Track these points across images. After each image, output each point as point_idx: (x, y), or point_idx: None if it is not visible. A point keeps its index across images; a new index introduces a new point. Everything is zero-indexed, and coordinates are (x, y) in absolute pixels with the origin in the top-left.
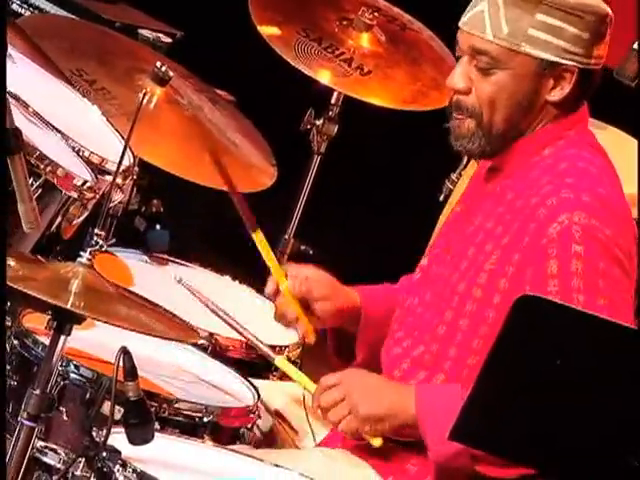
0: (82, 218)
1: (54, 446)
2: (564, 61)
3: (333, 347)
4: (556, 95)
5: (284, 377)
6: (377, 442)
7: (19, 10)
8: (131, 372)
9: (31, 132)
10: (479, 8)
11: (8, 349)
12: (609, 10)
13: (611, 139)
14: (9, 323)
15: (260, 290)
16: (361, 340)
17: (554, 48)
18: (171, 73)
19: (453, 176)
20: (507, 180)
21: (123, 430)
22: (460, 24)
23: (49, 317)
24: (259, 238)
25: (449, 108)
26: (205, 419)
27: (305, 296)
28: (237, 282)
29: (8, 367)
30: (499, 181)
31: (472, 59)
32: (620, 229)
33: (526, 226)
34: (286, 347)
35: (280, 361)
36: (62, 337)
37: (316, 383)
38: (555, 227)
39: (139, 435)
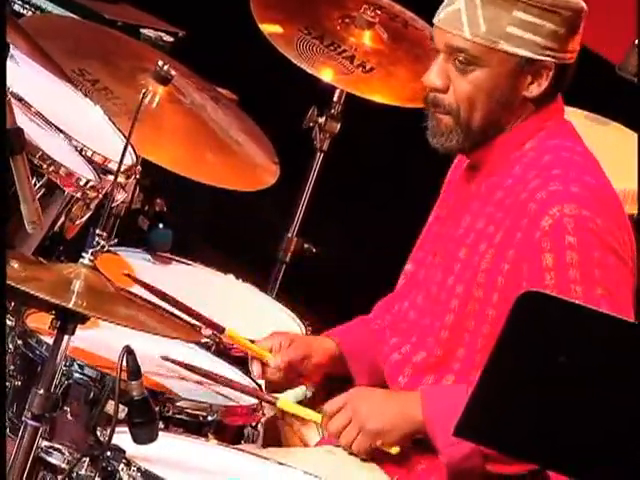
0: (85, 218)
1: (58, 446)
2: (542, 57)
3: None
4: (534, 91)
5: None
6: (395, 450)
7: (21, 10)
8: (135, 371)
9: (34, 132)
10: (455, 6)
11: (12, 349)
12: (584, 4)
13: (613, 135)
14: (13, 323)
15: (263, 288)
16: (357, 372)
17: (532, 45)
18: (173, 72)
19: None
20: (491, 178)
21: (127, 429)
22: (435, 21)
23: (53, 317)
24: (232, 334)
25: (425, 106)
26: (209, 418)
27: (291, 362)
28: (240, 281)
29: (12, 367)
30: (482, 180)
31: (449, 57)
32: (611, 216)
33: (518, 222)
34: None
35: (283, 402)
36: (66, 337)
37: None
38: (547, 220)
39: (143, 434)
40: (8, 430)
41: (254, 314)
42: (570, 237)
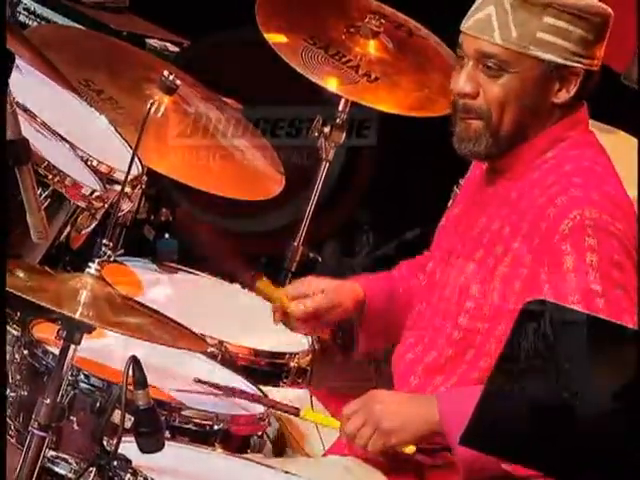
0: (91, 228)
1: (65, 455)
2: (571, 63)
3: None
4: (561, 97)
5: (293, 384)
6: (410, 449)
7: (26, 21)
8: (141, 381)
9: (39, 142)
10: (485, 12)
11: (18, 359)
12: (611, 10)
13: (620, 143)
14: (19, 333)
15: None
16: (364, 329)
17: (562, 50)
18: (178, 82)
19: (462, 182)
20: (509, 182)
21: (134, 439)
22: (464, 28)
23: (59, 327)
24: (261, 285)
25: (453, 112)
26: (215, 427)
27: (315, 311)
28: (246, 290)
29: (18, 377)
30: (502, 183)
31: (477, 63)
32: (628, 225)
33: (536, 226)
34: (296, 354)
35: (306, 412)
36: (72, 346)
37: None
38: (567, 223)
39: (150, 443)
40: (15, 440)
41: (260, 323)
42: (590, 239)
